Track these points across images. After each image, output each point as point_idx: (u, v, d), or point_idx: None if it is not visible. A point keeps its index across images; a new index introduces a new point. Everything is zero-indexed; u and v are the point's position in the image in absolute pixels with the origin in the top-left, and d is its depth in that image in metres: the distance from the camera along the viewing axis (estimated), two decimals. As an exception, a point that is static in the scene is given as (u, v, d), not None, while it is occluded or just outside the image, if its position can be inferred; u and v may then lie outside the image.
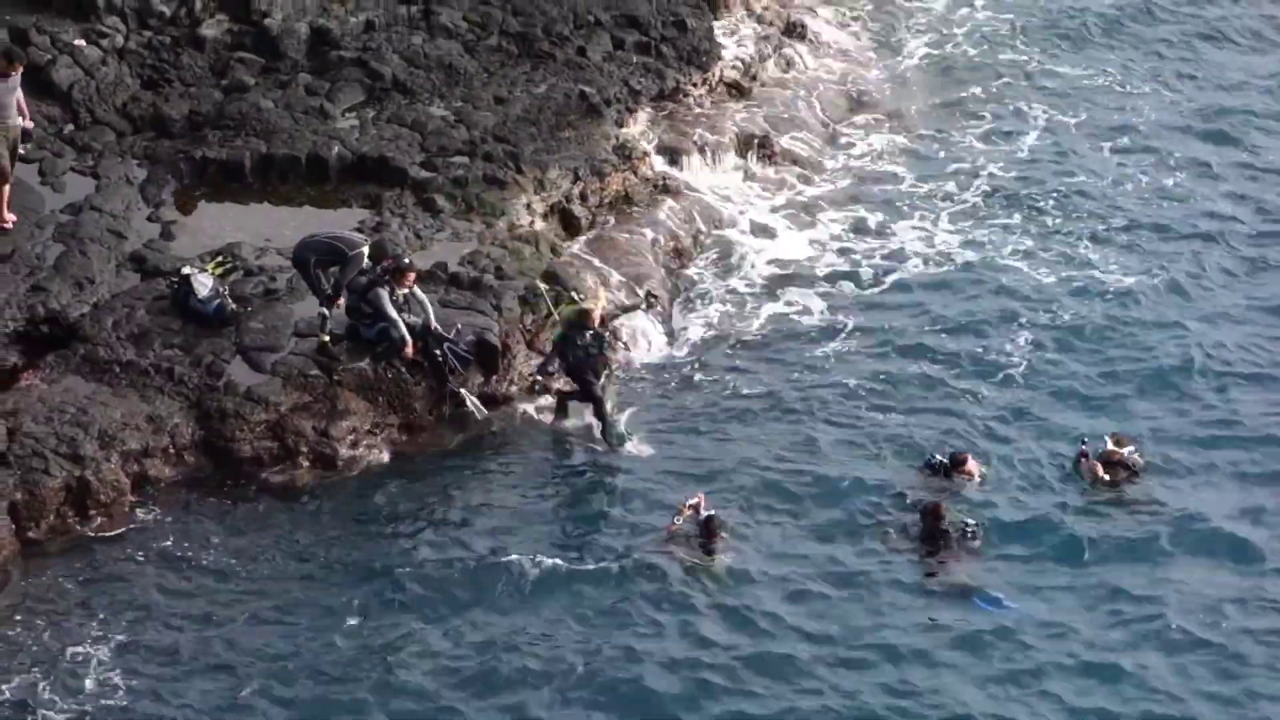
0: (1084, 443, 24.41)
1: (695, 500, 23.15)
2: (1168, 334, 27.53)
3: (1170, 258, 29.50)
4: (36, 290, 25.98)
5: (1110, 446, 24.29)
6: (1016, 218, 30.47)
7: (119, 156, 28.89)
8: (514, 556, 22.96)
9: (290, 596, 22.37)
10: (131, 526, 23.35)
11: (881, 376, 26.52)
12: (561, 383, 25.47)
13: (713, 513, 23.06)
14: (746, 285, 28.85)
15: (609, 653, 21.60)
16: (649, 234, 29.07)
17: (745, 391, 26.25)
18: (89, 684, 20.90)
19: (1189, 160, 32.40)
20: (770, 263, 29.34)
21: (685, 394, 26.20)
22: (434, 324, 25.18)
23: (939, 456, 24.43)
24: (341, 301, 25.26)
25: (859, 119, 33.35)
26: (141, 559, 22.89)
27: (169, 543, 23.14)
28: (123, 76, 30.33)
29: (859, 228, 30.31)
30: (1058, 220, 30.44)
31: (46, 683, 20.82)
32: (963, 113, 33.76)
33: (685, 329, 27.74)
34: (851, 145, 32.65)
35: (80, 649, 21.32)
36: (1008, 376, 26.52)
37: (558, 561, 22.92)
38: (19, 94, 26.45)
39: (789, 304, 28.36)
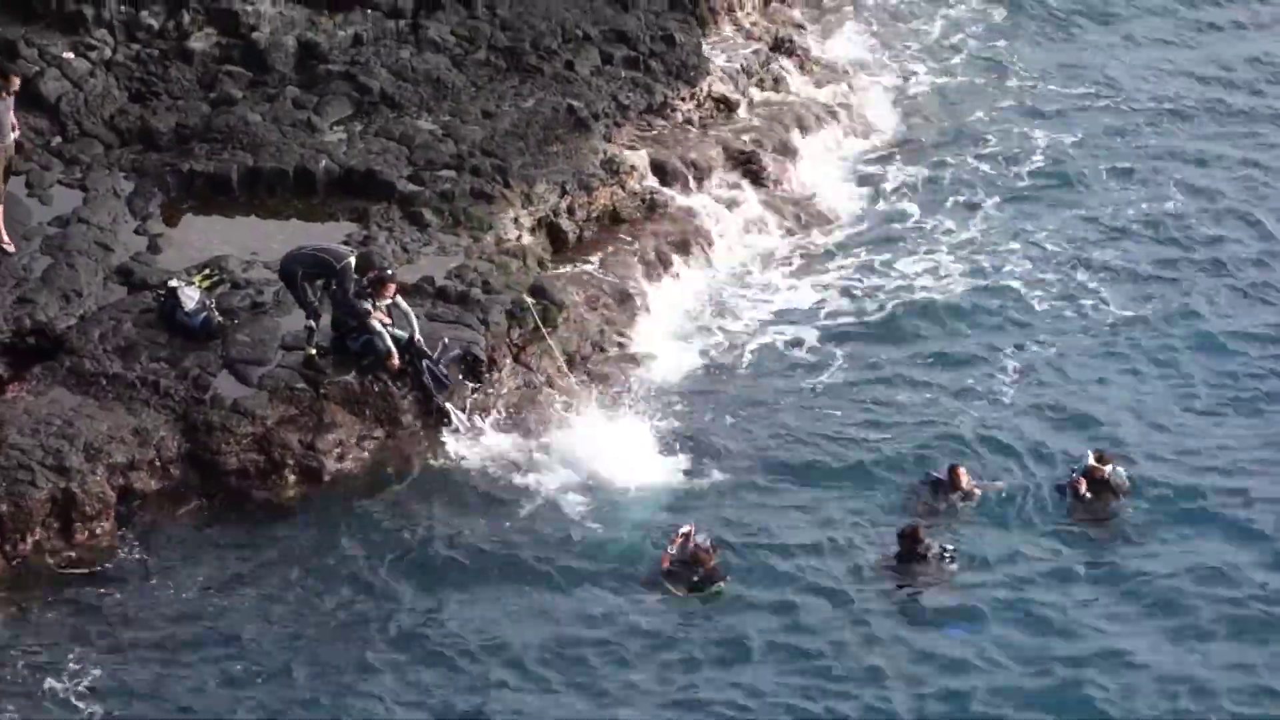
0: (1074, 472, 24.42)
1: (686, 529, 23.10)
2: (1165, 359, 27.43)
3: (1168, 282, 29.29)
4: (23, 302, 25.99)
5: (1092, 463, 24.28)
6: (1016, 245, 30.12)
7: (106, 169, 28.89)
8: (502, 575, 23.02)
9: (277, 620, 22.33)
10: (111, 562, 23.19)
11: (876, 399, 26.44)
12: None
13: (706, 538, 23.04)
14: (740, 306, 28.71)
15: (607, 668, 21.68)
16: (641, 252, 29.06)
17: (739, 413, 26.14)
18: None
19: (1188, 182, 32.04)
20: (762, 286, 29.21)
21: (680, 416, 26.04)
22: (418, 337, 25.18)
23: (934, 473, 24.43)
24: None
25: (851, 142, 33.09)
26: (124, 582, 22.82)
27: (152, 566, 23.08)
28: (110, 89, 30.33)
29: (851, 250, 30.03)
30: (1057, 248, 30.00)
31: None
32: (961, 137, 33.27)
33: (678, 350, 27.62)
34: (844, 167, 32.43)
35: (58, 683, 21.13)
36: (1004, 399, 26.40)
37: (549, 573, 23.01)
38: (12, 112, 26.48)
39: (783, 329, 28.13)
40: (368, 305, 25.03)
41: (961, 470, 24.32)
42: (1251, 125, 34.12)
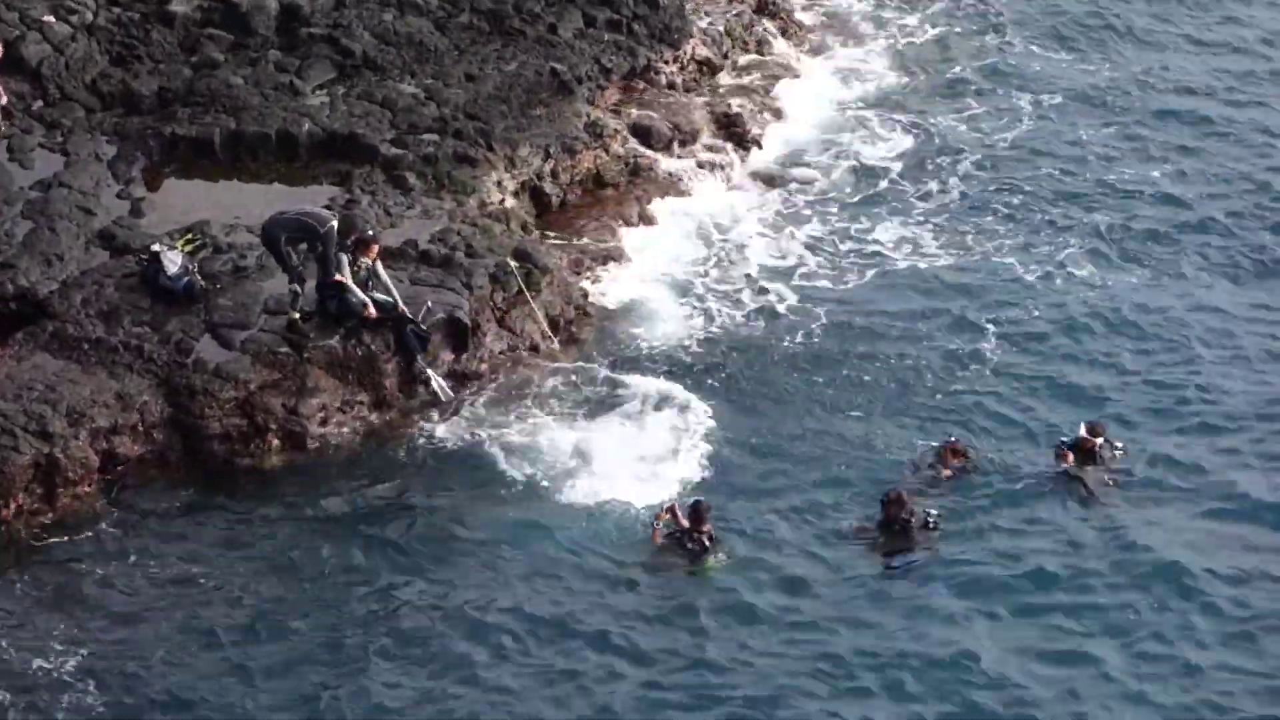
0: (1064, 443, 24.35)
1: (669, 506, 23.07)
2: (1153, 321, 27.33)
3: (1156, 244, 29.16)
4: (5, 267, 25.94)
5: (1083, 434, 24.21)
6: (999, 211, 29.95)
7: (88, 133, 28.83)
8: (486, 540, 23.00)
9: (260, 586, 22.31)
10: (94, 531, 23.14)
11: (859, 361, 26.36)
12: None
13: (700, 499, 23.03)
14: (724, 268, 28.60)
15: (598, 633, 21.69)
16: (624, 215, 29.01)
17: (723, 376, 26.10)
18: (63, 700, 20.67)
19: (1177, 143, 31.90)
20: (746, 246, 29.09)
21: (663, 378, 25.99)
22: (401, 305, 25.11)
23: (951, 438, 24.40)
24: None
25: (834, 102, 33.01)
26: (107, 550, 22.76)
27: (135, 533, 23.02)
28: (92, 53, 30.25)
29: (834, 218, 29.87)
30: (1038, 214, 29.87)
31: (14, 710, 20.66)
32: (944, 99, 33.15)
33: (660, 312, 27.50)
34: (827, 128, 32.31)
35: (47, 662, 21.06)
36: (989, 364, 26.34)
37: (535, 538, 23.00)
38: None
39: (766, 290, 28.01)
40: (345, 257, 24.93)
41: (949, 451, 24.25)
42: (1244, 84, 33.96)
